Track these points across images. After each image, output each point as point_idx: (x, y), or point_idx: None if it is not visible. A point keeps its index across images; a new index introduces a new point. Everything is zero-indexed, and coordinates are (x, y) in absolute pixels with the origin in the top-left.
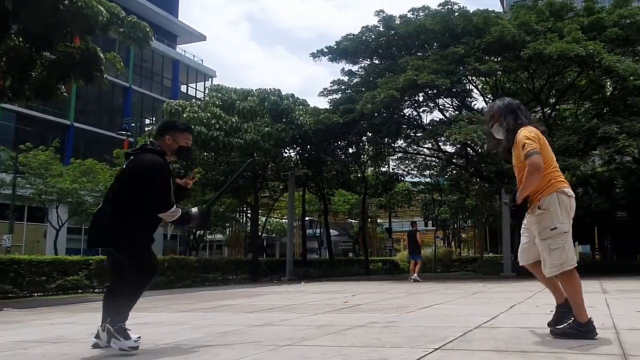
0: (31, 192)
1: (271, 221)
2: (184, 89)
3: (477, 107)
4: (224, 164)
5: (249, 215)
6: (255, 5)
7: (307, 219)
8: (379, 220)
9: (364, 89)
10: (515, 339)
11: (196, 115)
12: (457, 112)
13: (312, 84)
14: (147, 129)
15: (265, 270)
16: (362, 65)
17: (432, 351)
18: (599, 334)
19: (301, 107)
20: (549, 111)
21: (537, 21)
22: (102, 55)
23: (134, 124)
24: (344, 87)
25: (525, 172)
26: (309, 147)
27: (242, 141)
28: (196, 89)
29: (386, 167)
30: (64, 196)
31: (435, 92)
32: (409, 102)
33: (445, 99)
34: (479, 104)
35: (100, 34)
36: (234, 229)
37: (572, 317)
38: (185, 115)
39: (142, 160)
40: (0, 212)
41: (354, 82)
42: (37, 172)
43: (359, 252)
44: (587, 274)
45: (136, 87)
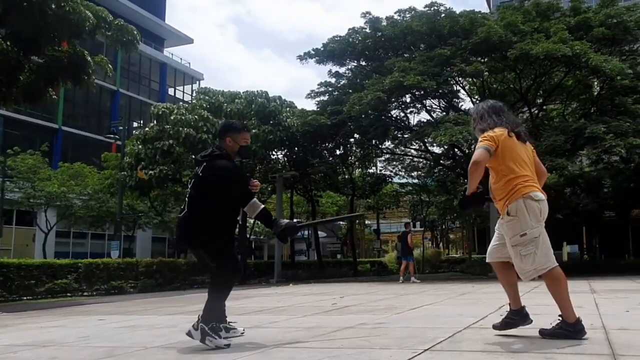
0: (20, 196)
1: (259, 223)
2: (171, 92)
3: (464, 107)
4: None
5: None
6: (242, 7)
7: (295, 220)
8: (367, 221)
9: (351, 91)
10: (504, 340)
11: (184, 117)
12: (445, 113)
13: (299, 86)
14: (135, 132)
15: (253, 272)
16: (349, 67)
17: (422, 352)
18: (588, 334)
19: (288, 109)
20: (536, 111)
21: (523, 21)
22: (89, 58)
23: (121, 127)
24: (331, 89)
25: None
26: (297, 149)
27: None
28: (184, 92)
29: (374, 168)
30: (52, 200)
31: (422, 93)
32: (396, 103)
33: (432, 100)
34: (466, 104)
35: (87, 38)
36: None
37: (560, 318)
38: (172, 117)
39: (215, 166)
40: None
41: (341, 84)
42: (26, 176)
43: (347, 253)
44: (575, 274)
45: (124, 91)
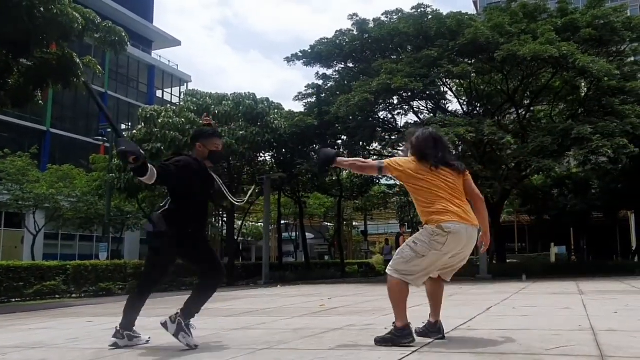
0: (8, 198)
1: (247, 225)
2: (159, 94)
3: (451, 109)
4: None
5: (225, 219)
6: (229, 10)
7: (282, 222)
8: (355, 223)
9: (338, 93)
10: (492, 341)
11: (171, 120)
12: (432, 115)
13: (286, 88)
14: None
15: (241, 274)
16: (337, 69)
17: (410, 354)
18: (580, 336)
19: (276, 110)
20: (524, 113)
21: (510, 23)
22: (78, 60)
23: (110, 130)
24: (318, 91)
25: None
26: (284, 150)
27: None
28: (172, 94)
29: None
30: (41, 202)
31: (409, 95)
32: (383, 105)
33: (419, 102)
34: (454, 106)
35: (76, 40)
36: (210, 233)
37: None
38: (160, 120)
39: (172, 160)
40: None
41: (329, 85)
42: (15, 178)
43: (335, 255)
44: (563, 275)
45: (112, 93)
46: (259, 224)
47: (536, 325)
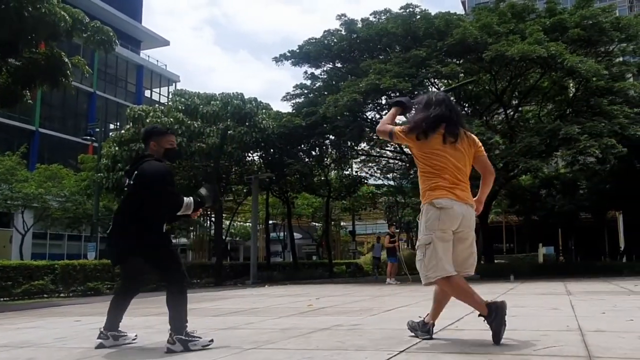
0: None
1: (235, 225)
2: (148, 94)
3: None
4: (187, 169)
5: (213, 219)
6: (218, 10)
7: (270, 222)
8: (343, 223)
9: (326, 93)
10: (481, 341)
11: (159, 120)
12: None
13: (275, 87)
14: (111, 134)
15: (229, 273)
16: (325, 69)
17: (397, 354)
18: (568, 336)
19: (264, 110)
20: (512, 113)
21: (499, 23)
22: (67, 60)
23: (98, 129)
24: (306, 91)
25: None
26: (272, 150)
27: (204, 145)
28: (160, 94)
29: (349, 170)
30: (29, 201)
31: (397, 95)
32: (371, 105)
33: None
34: None
35: (64, 39)
36: (198, 233)
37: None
38: (148, 120)
39: (147, 169)
40: None
41: (317, 85)
42: (3, 178)
43: (323, 255)
44: (551, 276)
45: (100, 93)
46: (247, 224)
47: (524, 325)
